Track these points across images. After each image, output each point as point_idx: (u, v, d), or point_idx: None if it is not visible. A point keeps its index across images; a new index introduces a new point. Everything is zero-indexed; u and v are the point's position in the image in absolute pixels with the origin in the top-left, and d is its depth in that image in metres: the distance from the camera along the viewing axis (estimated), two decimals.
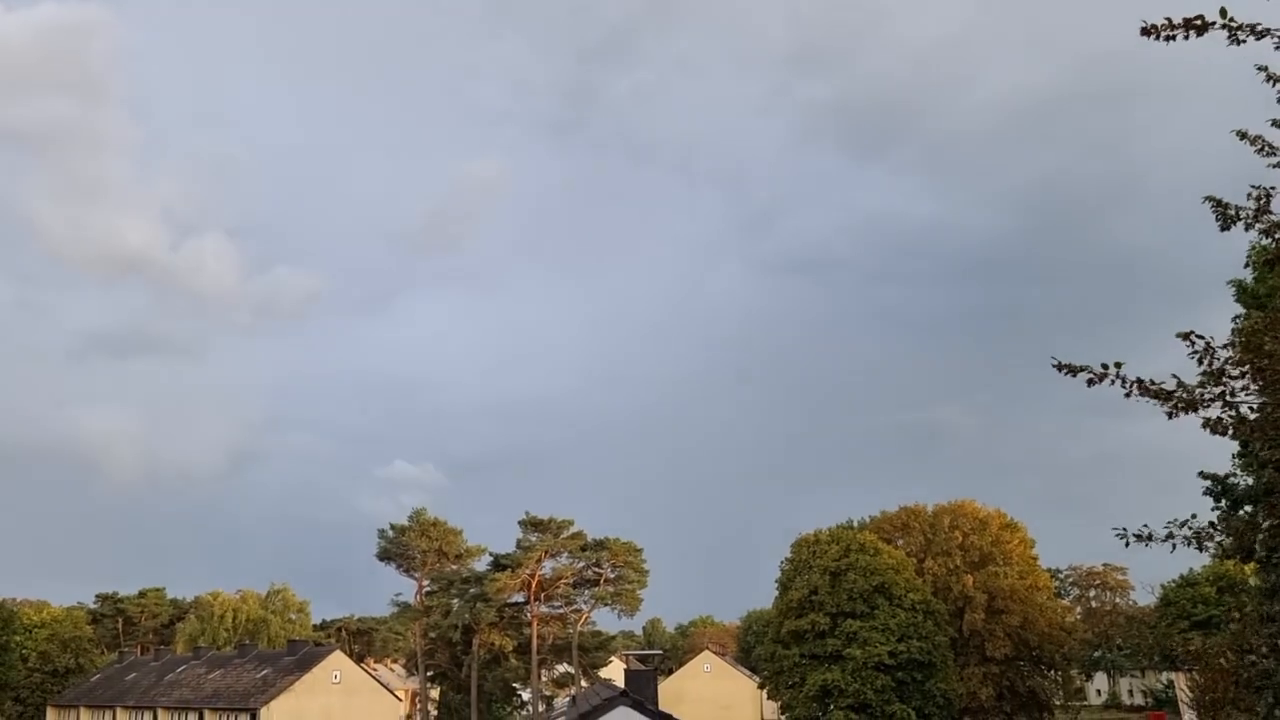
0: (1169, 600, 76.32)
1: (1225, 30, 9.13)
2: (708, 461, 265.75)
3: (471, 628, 75.57)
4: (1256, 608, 22.26)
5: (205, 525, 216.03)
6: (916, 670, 54.54)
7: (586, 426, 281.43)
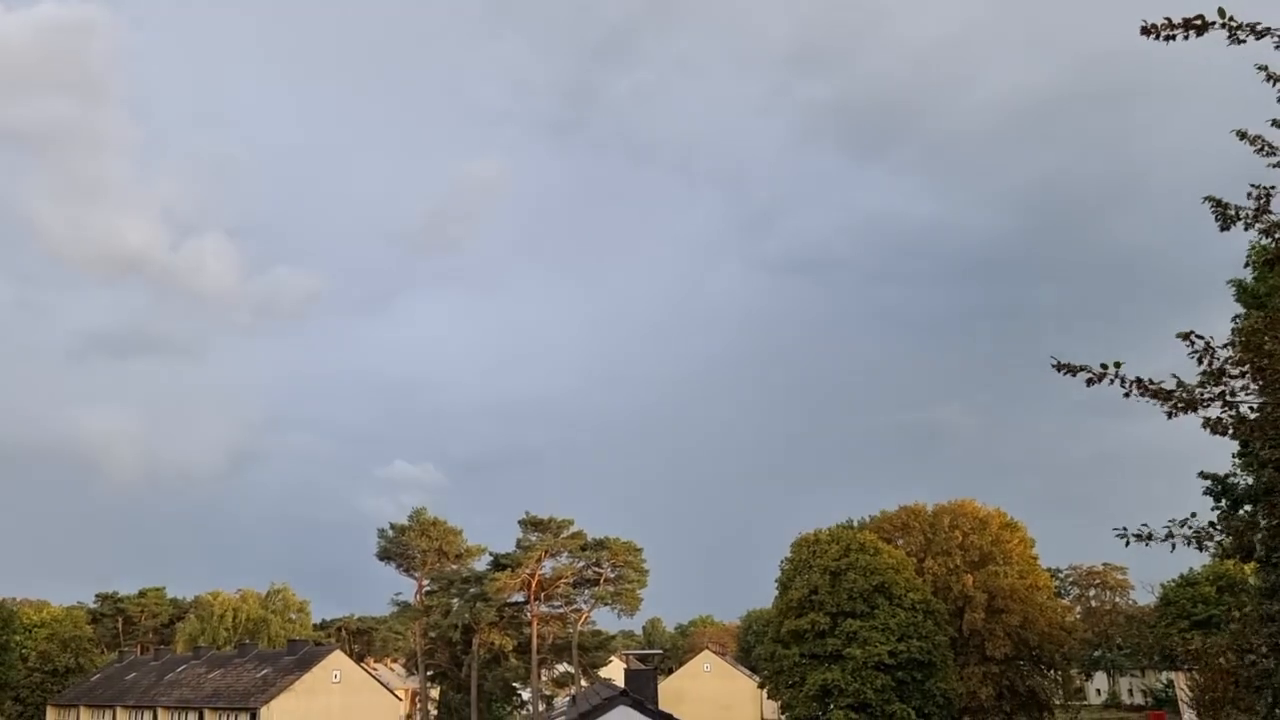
0: (1169, 600, 76.26)
1: (1225, 30, 9.11)
2: (708, 461, 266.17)
3: (471, 627, 75.55)
4: (1256, 607, 22.25)
5: (205, 525, 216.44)
6: (916, 670, 54.54)
7: (586, 426, 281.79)
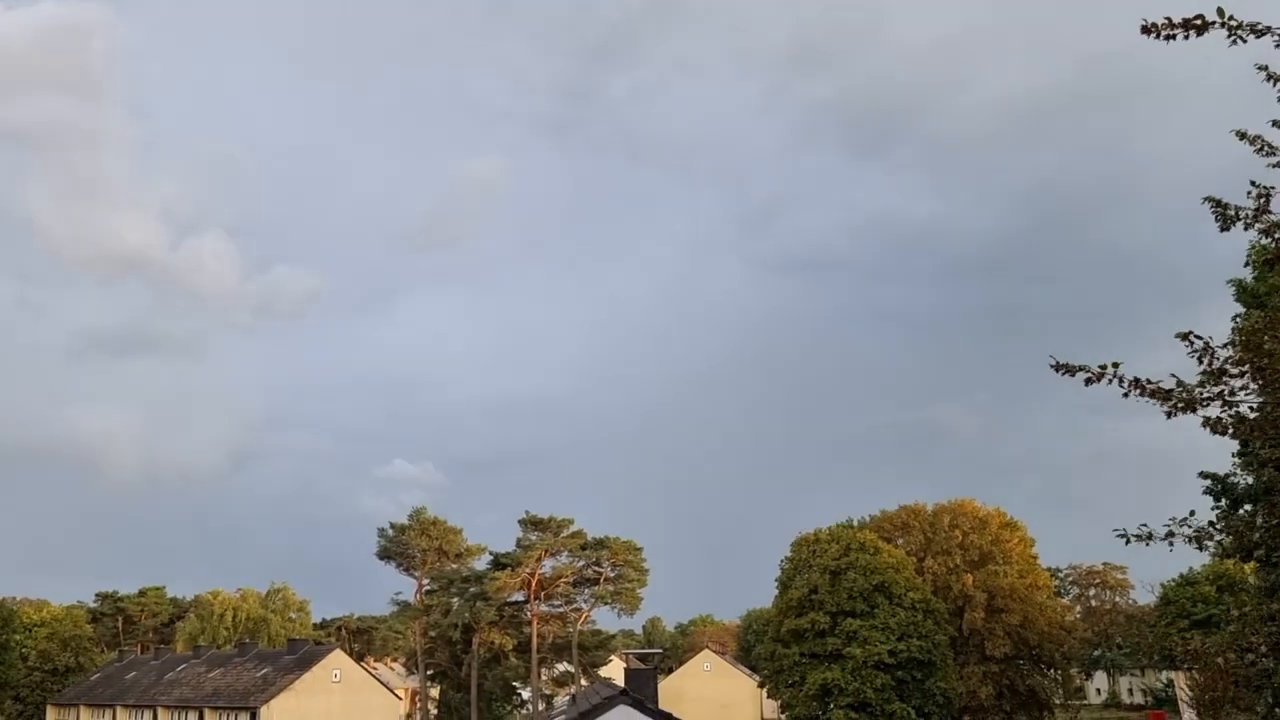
0: (1169, 599, 76.27)
1: (1225, 30, 9.09)
2: (708, 461, 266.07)
3: (471, 626, 75.56)
4: (1256, 607, 22.24)
5: (205, 524, 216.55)
6: (916, 669, 54.54)
7: (586, 426, 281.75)
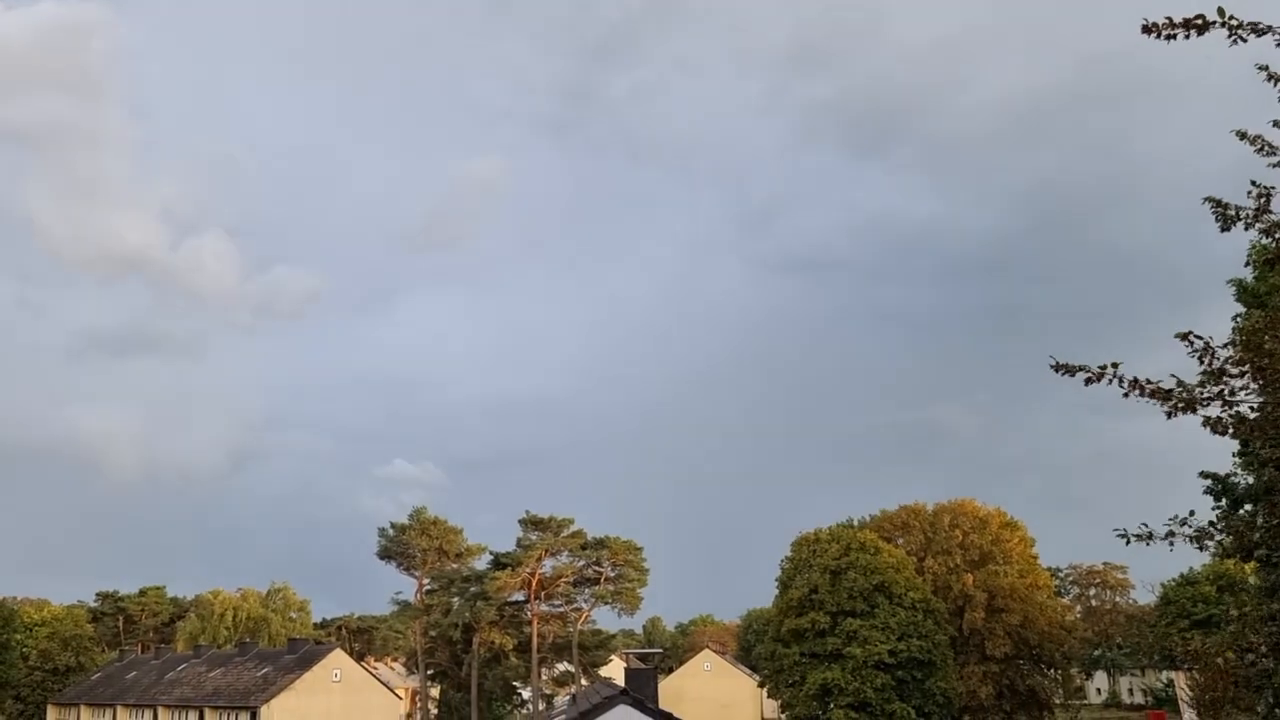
0: (1169, 599, 76.21)
1: (1225, 29, 9.07)
2: (708, 461, 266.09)
3: (472, 626, 75.56)
4: (1256, 607, 22.24)
5: (205, 524, 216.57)
6: (916, 669, 54.51)
7: (586, 426, 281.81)
